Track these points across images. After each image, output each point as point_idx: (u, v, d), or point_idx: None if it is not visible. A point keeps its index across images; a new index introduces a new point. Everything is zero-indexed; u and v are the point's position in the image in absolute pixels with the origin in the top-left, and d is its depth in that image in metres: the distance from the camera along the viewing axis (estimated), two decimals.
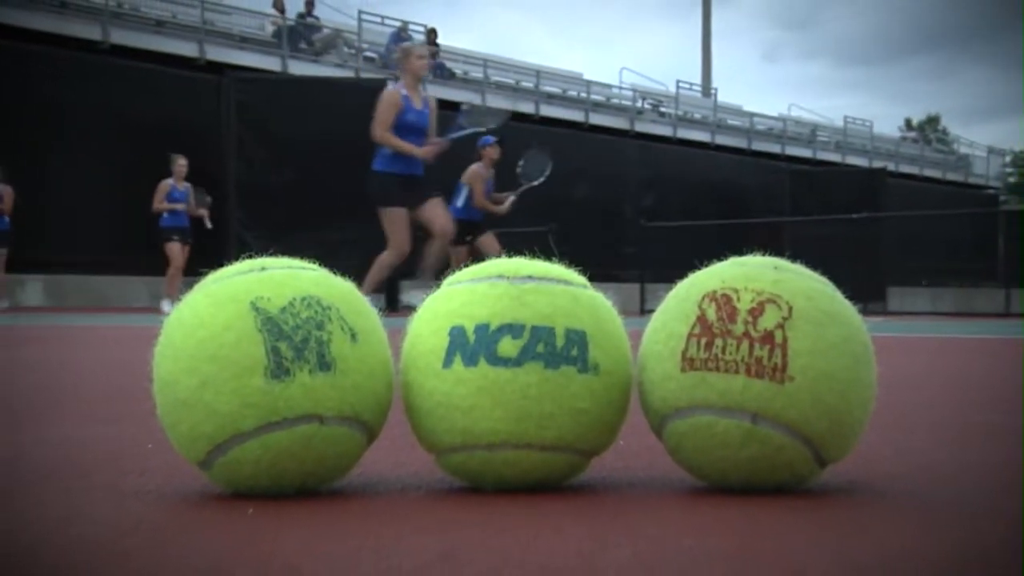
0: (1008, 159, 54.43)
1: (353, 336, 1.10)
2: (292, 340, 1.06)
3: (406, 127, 8.53)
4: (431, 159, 8.64)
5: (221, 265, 1.16)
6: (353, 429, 1.11)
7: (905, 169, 35.41)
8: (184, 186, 13.93)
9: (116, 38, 19.33)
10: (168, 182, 13.86)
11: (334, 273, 1.18)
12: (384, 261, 8.45)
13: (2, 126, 15.90)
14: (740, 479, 1.12)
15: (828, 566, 0.85)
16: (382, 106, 8.59)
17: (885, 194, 23.18)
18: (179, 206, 13.70)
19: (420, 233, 8.88)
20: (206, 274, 1.15)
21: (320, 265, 1.19)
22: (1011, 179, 54.16)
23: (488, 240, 11.26)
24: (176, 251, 13.19)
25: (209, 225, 14.00)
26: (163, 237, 13.52)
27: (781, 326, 1.07)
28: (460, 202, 11.05)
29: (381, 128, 8.46)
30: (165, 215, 13.76)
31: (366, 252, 15.25)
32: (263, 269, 1.13)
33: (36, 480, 1.29)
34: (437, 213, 8.74)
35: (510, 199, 13.35)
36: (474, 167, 11.36)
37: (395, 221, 8.53)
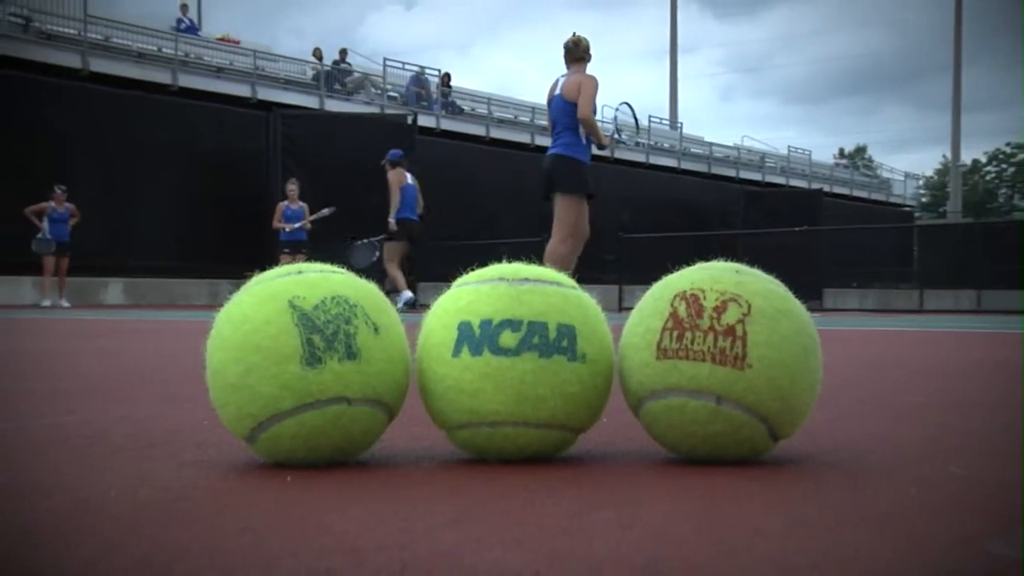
0: (921, 183, 54.96)
1: (376, 330, 1.09)
2: (324, 333, 1.05)
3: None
4: (606, 146, 7.27)
5: (265, 270, 1.15)
6: (376, 409, 1.09)
7: (838, 190, 35.57)
8: (298, 205, 13.86)
9: (184, 82, 19.42)
10: (283, 204, 13.84)
11: (359, 276, 1.16)
12: (559, 252, 6.83)
13: (97, 157, 15.99)
14: (706, 452, 1.11)
15: (781, 525, 0.84)
16: (592, 87, 6.90)
17: (821, 211, 23.31)
18: (289, 225, 13.68)
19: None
20: (251, 277, 1.13)
21: (348, 270, 1.17)
22: (923, 199, 54.62)
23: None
24: (286, 263, 13.11)
25: (308, 226, 13.92)
26: (279, 250, 13.39)
27: (741, 321, 1.06)
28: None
29: (590, 108, 6.86)
30: (283, 231, 13.76)
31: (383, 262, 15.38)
32: (299, 273, 1.12)
33: (113, 451, 1.28)
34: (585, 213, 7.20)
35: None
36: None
37: (580, 208, 6.96)
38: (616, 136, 8.01)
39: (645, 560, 0.73)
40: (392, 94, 23.98)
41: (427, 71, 24.78)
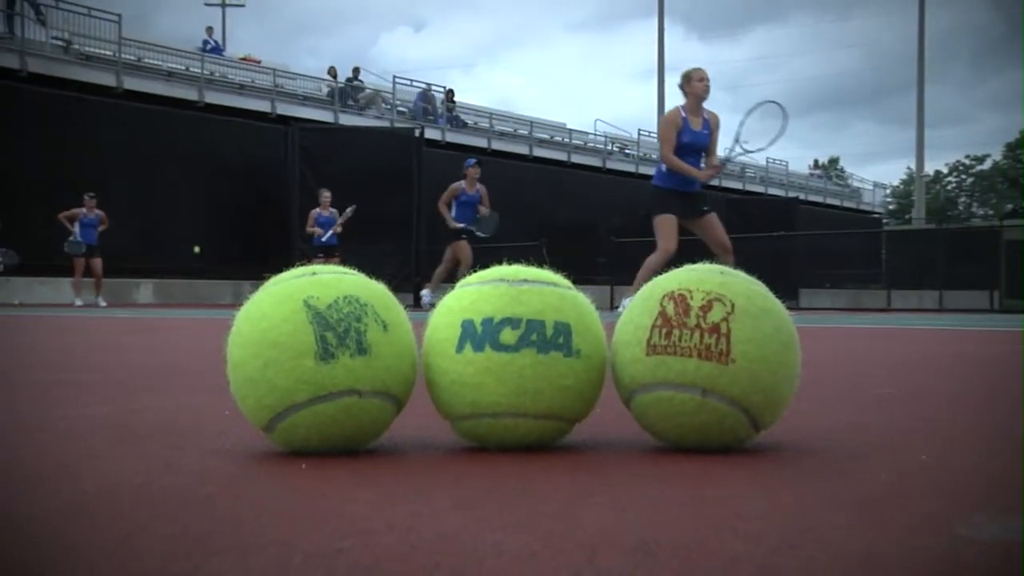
0: (888, 192, 55.08)
1: (385, 327, 1.07)
2: (336, 330, 1.04)
3: (683, 147, 6.98)
4: (707, 180, 7.18)
5: (282, 271, 1.14)
6: (385, 401, 1.08)
7: (812, 198, 35.62)
8: (329, 212, 13.87)
9: (209, 98, 19.48)
10: (316, 210, 13.86)
11: (370, 278, 1.15)
12: (651, 263, 6.88)
13: (130, 167, 16.03)
14: (693, 441, 1.10)
15: (762, 508, 0.83)
16: (664, 125, 7.06)
17: (797, 217, 23.29)
18: (322, 231, 13.66)
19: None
20: (268, 278, 1.12)
21: (359, 271, 1.16)
22: (890, 207, 54.72)
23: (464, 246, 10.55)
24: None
25: (339, 230, 13.88)
26: (312, 253, 13.37)
27: (726, 319, 1.05)
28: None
29: (667, 147, 6.95)
30: (316, 236, 13.78)
31: (397, 262, 15.42)
32: (314, 274, 1.11)
33: (142, 439, 1.27)
34: (714, 227, 7.13)
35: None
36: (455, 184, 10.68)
37: (663, 225, 7.03)
38: (739, 149, 7.53)
39: (635, 541, 0.72)
40: (401, 109, 24.01)
41: (433, 88, 24.84)
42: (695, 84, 6.98)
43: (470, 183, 10.65)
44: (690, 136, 6.95)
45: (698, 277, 1.09)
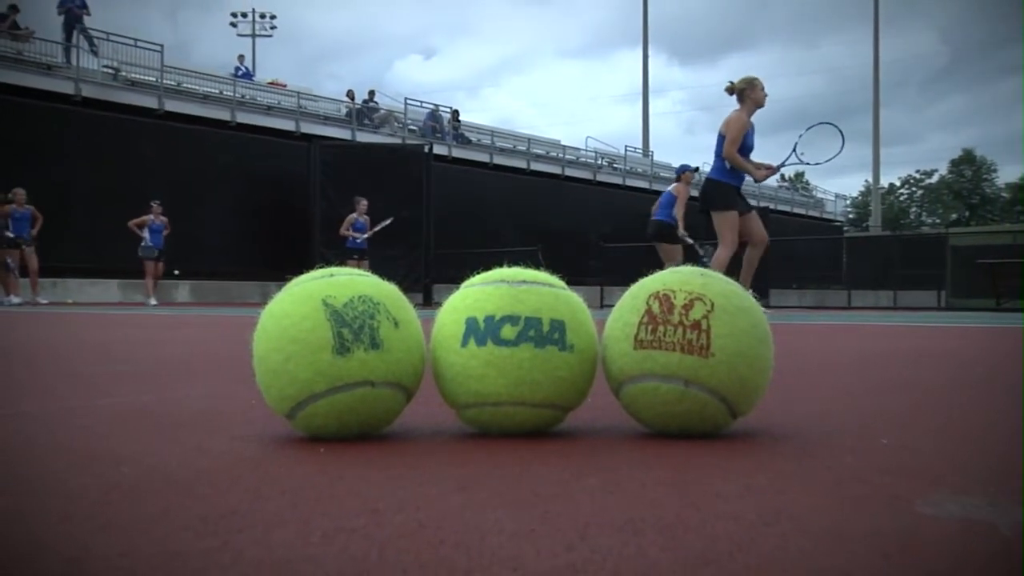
0: (848, 202, 55.16)
1: (396, 324, 1.06)
2: (351, 327, 1.02)
3: (747, 148, 6.79)
4: (763, 180, 7.06)
5: (303, 273, 1.12)
6: (396, 391, 1.07)
7: (781, 208, 35.56)
8: (364, 218, 13.87)
9: (241, 119, 19.48)
10: (353, 216, 13.86)
11: (382, 279, 1.13)
12: (720, 259, 6.67)
13: (169, 180, 16.06)
14: (676, 428, 1.08)
15: (739, 489, 0.82)
16: (735, 127, 6.68)
17: (767, 224, 23.18)
18: (357, 234, 13.68)
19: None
20: (290, 279, 1.11)
21: (373, 273, 1.15)
22: (850, 215, 54.82)
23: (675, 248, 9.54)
24: (352, 267, 13.05)
25: (373, 230, 13.87)
26: (345, 255, 13.36)
27: (706, 317, 1.03)
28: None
29: (733, 147, 6.66)
30: (350, 239, 13.78)
31: (407, 265, 15.43)
32: (331, 275, 1.09)
33: (175, 425, 1.26)
34: (756, 224, 6.96)
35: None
36: (677, 185, 9.76)
37: (730, 222, 6.80)
38: (795, 158, 7.24)
39: (624, 519, 0.71)
40: (411, 127, 24.00)
41: (441, 109, 24.80)
42: (759, 92, 6.76)
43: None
44: (752, 139, 6.82)
45: (681, 279, 1.08)
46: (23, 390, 1.79)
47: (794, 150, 7.27)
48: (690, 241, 9.72)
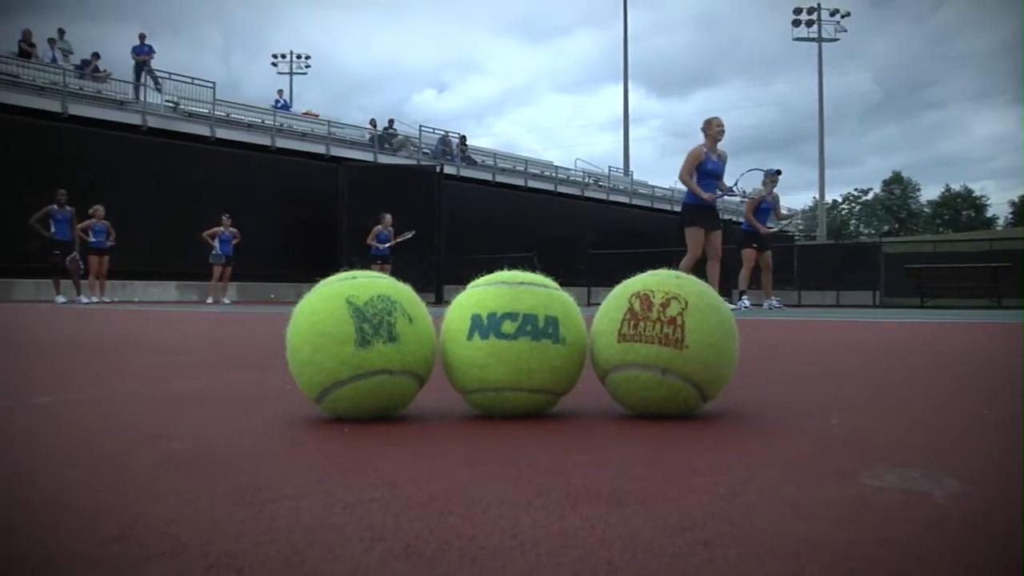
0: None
1: (410, 320, 1.04)
2: (372, 322, 1.00)
3: (706, 173, 7.25)
4: (711, 201, 7.33)
5: (328, 275, 1.10)
6: (410, 379, 1.05)
7: (740, 220, 35.48)
8: (389, 230, 13.86)
9: (279, 144, 19.48)
10: (379, 227, 13.85)
11: (398, 280, 1.11)
12: (685, 263, 7.01)
13: (220, 198, 16.06)
14: (654, 410, 1.06)
15: (709, 463, 0.80)
16: (687, 158, 7.29)
17: (731, 236, 23.14)
18: (382, 244, 13.70)
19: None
20: (318, 281, 1.09)
21: (391, 276, 1.13)
22: (800, 227, 55.05)
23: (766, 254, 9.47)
24: (375, 271, 13.11)
25: (396, 240, 13.80)
26: (370, 261, 13.35)
27: (681, 314, 1.01)
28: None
29: (685, 172, 7.24)
30: (376, 248, 13.76)
31: (421, 269, 15.42)
32: (354, 277, 1.07)
33: (220, 407, 1.23)
34: (716, 241, 7.37)
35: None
36: (761, 189, 9.41)
37: (692, 237, 7.22)
38: (734, 190, 8.02)
39: (611, 491, 0.69)
40: (425, 151, 24.00)
41: (450, 134, 24.80)
42: (713, 128, 7.36)
43: (768, 191, 9.56)
44: (712, 166, 7.31)
45: (659, 280, 1.06)
46: (92, 377, 1.77)
47: (734, 186, 8.13)
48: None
